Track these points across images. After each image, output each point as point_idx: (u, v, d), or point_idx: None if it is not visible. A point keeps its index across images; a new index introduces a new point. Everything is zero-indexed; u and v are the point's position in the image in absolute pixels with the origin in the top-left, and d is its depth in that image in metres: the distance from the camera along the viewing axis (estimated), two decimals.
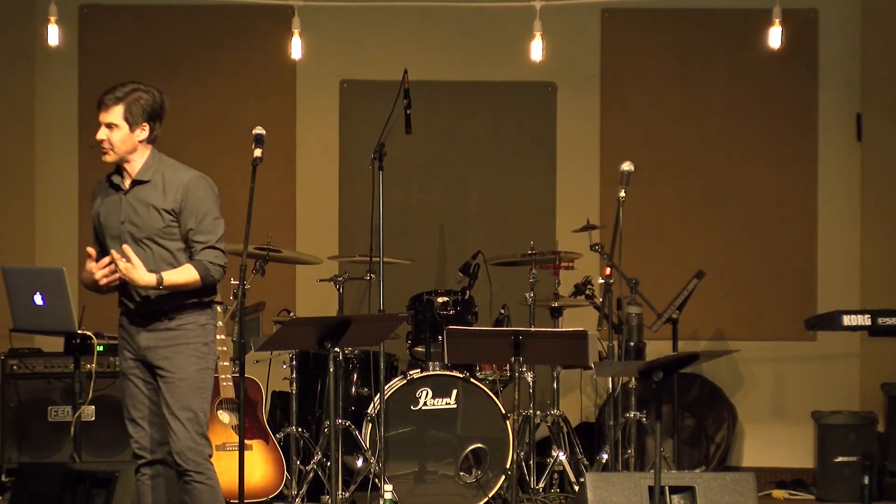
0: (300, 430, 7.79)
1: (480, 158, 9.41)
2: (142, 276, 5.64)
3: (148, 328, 5.75)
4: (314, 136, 9.36)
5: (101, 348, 7.81)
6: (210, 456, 5.78)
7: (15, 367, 8.24)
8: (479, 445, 7.68)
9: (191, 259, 5.75)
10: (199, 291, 5.77)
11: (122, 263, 5.63)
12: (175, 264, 5.72)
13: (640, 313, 7.99)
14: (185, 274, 5.71)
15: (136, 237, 5.73)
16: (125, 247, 5.68)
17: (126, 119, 5.73)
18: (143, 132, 5.76)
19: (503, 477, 7.59)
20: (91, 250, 5.76)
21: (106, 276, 5.67)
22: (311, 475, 7.66)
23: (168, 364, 5.72)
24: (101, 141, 5.76)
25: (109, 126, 5.74)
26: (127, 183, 5.79)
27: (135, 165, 5.78)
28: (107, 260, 5.68)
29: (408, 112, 7.72)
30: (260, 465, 7.59)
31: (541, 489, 7.80)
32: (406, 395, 7.68)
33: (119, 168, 5.83)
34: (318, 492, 7.75)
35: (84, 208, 9.23)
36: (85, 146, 9.31)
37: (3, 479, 8.11)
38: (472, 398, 7.71)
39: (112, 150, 5.76)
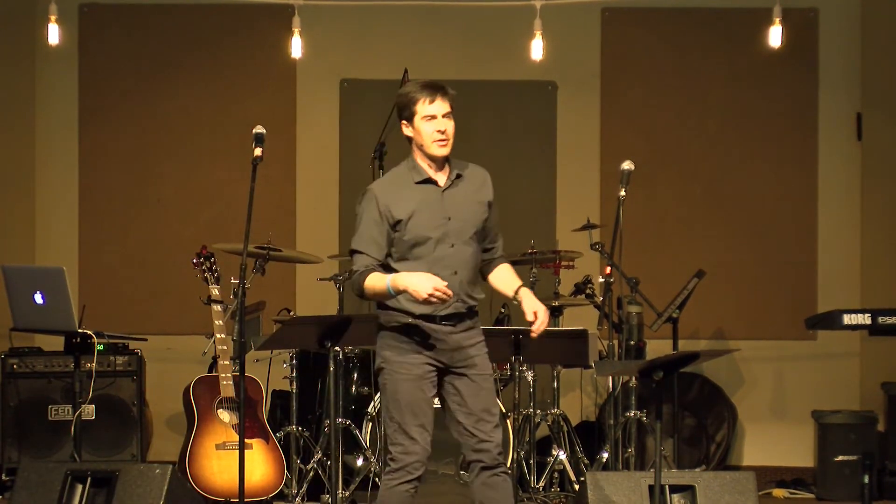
0: (300, 429, 7.79)
1: (481, 158, 9.33)
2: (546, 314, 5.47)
3: (457, 329, 5.50)
4: (314, 136, 9.36)
5: (101, 347, 7.80)
6: None
7: (15, 366, 8.24)
8: None
9: (498, 257, 5.63)
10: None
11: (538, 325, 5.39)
12: (476, 262, 5.55)
13: (641, 312, 8.00)
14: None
15: (461, 234, 5.51)
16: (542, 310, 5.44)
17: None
18: None
19: None
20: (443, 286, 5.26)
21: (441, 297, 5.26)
22: (311, 474, 7.65)
23: (478, 361, 5.52)
24: (443, 131, 5.51)
25: (448, 115, 5.52)
26: (443, 179, 5.59)
27: (444, 160, 5.58)
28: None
29: None
30: (260, 465, 7.58)
31: (541, 488, 7.79)
32: None
33: (415, 164, 5.56)
34: (318, 491, 7.74)
35: (84, 208, 9.25)
36: (85, 145, 9.31)
37: (4, 477, 8.11)
38: None
39: (448, 141, 5.53)
